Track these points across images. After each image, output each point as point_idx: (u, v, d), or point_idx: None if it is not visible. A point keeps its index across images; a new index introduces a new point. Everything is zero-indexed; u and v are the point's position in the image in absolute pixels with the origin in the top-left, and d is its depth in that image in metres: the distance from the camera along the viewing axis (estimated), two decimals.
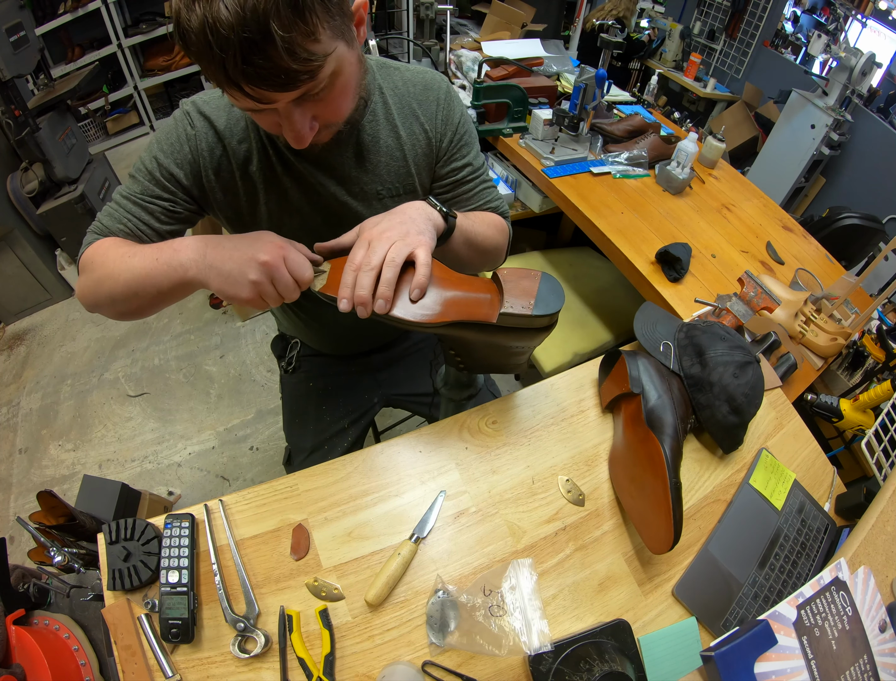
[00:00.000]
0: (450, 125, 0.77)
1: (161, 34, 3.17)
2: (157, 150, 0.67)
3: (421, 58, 2.12)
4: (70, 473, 1.80)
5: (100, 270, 0.63)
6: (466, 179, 0.81)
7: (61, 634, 0.67)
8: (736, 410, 0.75)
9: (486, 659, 0.61)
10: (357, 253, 0.56)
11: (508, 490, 0.72)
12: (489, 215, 0.81)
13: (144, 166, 0.68)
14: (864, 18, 2.94)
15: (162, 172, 0.67)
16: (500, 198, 0.85)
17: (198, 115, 0.68)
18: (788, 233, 1.52)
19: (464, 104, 0.79)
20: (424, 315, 0.56)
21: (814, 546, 0.75)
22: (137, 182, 0.68)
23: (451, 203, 0.82)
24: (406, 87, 0.76)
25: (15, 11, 2.00)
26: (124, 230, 0.67)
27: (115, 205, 0.68)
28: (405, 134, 0.75)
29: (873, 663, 0.55)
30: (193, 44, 0.46)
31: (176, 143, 0.67)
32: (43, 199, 2.22)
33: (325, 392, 1.07)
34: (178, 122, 0.68)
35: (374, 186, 0.76)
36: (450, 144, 0.78)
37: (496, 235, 0.79)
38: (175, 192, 0.69)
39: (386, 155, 0.75)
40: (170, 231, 0.70)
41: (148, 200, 0.67)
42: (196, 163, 0.68)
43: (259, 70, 0.46)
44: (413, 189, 0.79)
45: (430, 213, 0.62)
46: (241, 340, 2.26)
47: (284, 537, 0.66)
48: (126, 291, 0.61)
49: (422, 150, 0.77)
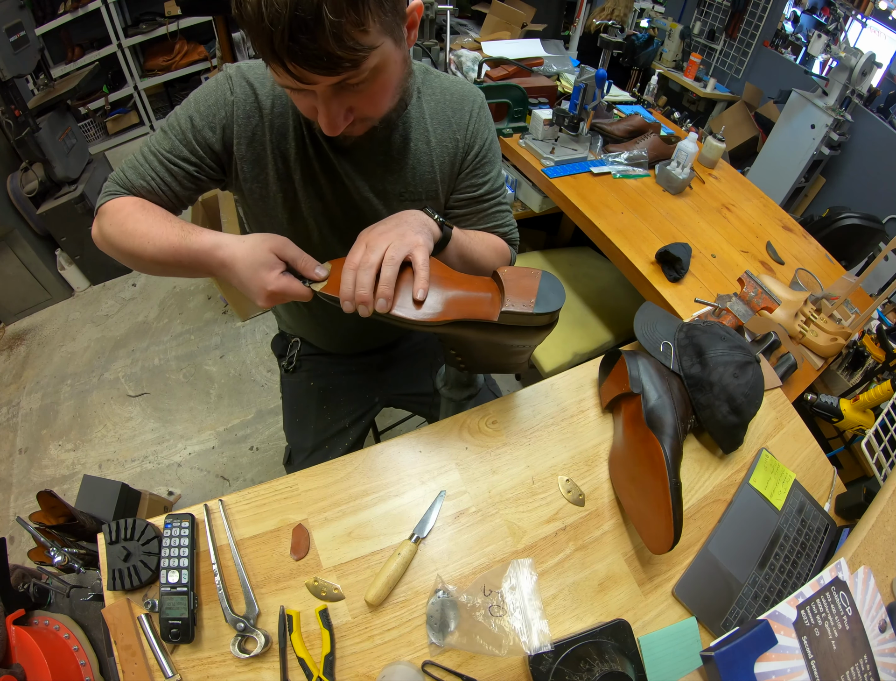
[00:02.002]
0: (479, 139, 0.77)
1: (161, 34, 3.17)
2: (194, 110, 0.67)
3: (421, 58, 2.12)
4: (70, 473, 1.80)
5: (130, 225, 0.64)
6: (484, 197, 0.80)
7: (61, 634, 0.67)
8: (736, 410, 0.75)
9: (486, 659, 0.61)
10: (355, 253, 0.56)
11: (508, 490, 0.72)
12: (491, 237, 0.81)
13: (179, 124, 0.67)
14: (864, 18, 2.94)
15: (195, 134, 0.67)
16: (513, 223, 0.85)
17: (240, 80, 0.67)
18: (788, 233, 1.52)
19: (492, 121, 0.79)
20: (426, 314, 0.56)
21: (814, 546, 0.75)
22: (168, 139, 0.67)
23: (464, 219, 0.81)
24: (444, 94, 0.76)
25: (15, 11, 1.99)
26: (146, 187, 0.67)
27: (141, 158, 0.68)
28: (435, 140, 0.75)
29: (873, 663, 0.55)
30: (248, 14, 0.46)
31: (214, 106, 0.67)
32: (43, 199, 2.22)
33: (326, 392, 1.07)
34: (220, 85, 0.68)
35: (398, 186, 0.76)
36: (475, 158, 0.78)
37: (492, 257, 0.79)
38: (203, 157, 0.68)
39: (413, 158, 0.75)
40: (188, 196, 0.71)
41: (174, 161, 0.67)
42: (230, 129, 0.68)
43: (304, 49, 0.46)
44: (435, 195, 0.78)
45: (425, 219, 0.63)
46: (241, 340, 2.26)
47: (284, 537, 0.66)
48: (155, 259, 0.63)
49: (448, 158, 0.77)
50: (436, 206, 0.79)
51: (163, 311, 2.39)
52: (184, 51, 3.32)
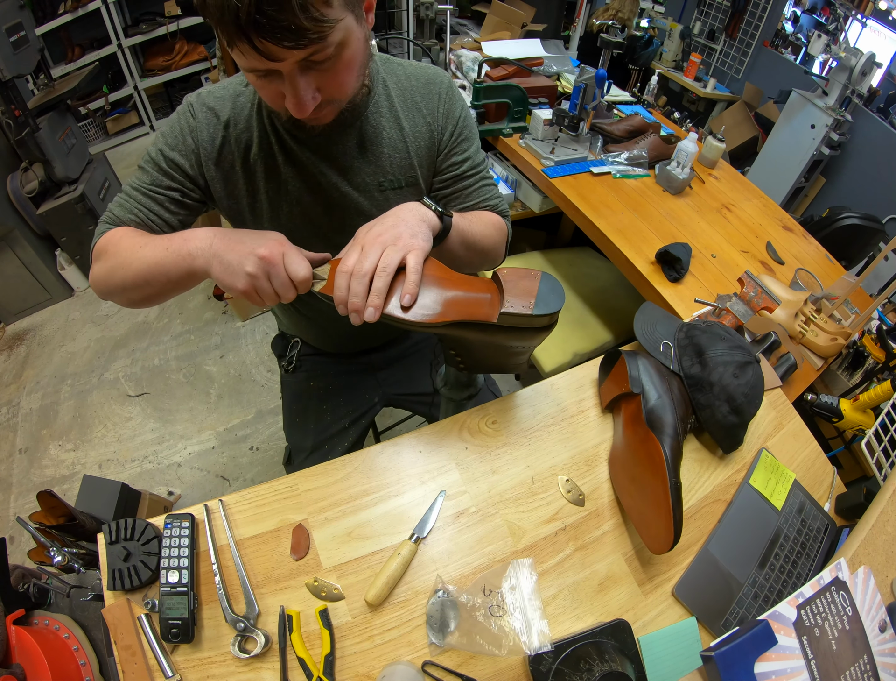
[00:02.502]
0: (451, 119, 0.78)
1: (161, 34, 3.17)
2: (163, 144, 0.70)
3: (421, 58, 2.12)
4: (70, 473, 1.80)
5: (113, 259, 0.65)
6: (467, 174, 0.81)
7: (61, 634, 0.67)
8: (736, 410, 0.75)
9: (486, 659, 0.61)
10: (349, 257, 0.56)
11: (508, 490, 0.72)
12: (487, 214, 0.81)
13: (151, 158, 0.70)
14: (864, 18, 2.94)
15: (168, 163, 0.70)
16: (499, 196, 0.85)
17: (201, 107, 0.70)
18: (788, 233, 1.52)
19: (465, 100, 0.80)
20: (425, 315, 0.56)
21: (814, 546, 0.75)
22: (146, 173, 0.70)
23: (451, 199, 0.82)
24: (409, 80, 0.77)
25: (15, 11, 1.99)
26: (136, 220, 0.69)
27: (125, 196, 0.70)
28: (408, 126, 0.75)
29: (873, 663, 0.55)
30: None
31: (179, 135, 0.70)
32: (43, 199, 2.21)
33: (326, 392, 1.07)
34: (181, 116, 0.71)
35: (377, 177, 0.76)
36: (451, 138, 0.79)
37: (494, 234, 0.79)
38: (182, 181, 0.71)
39: (388, 146, 0.75)
40: (180, 220, 0.73)
41: (156, 190, 0.70)
42: (198, 153, 0.70)
43: (270, 21, 0.47)
44: (415, 181, 0.79)
45: (423, 213, 0.62)
46: (241, 340, 2.26)
47: (284, 537, 0.66)
48: (137, 279, 0.63)
49: (424, 142, 0.77)
50: (417, 192, 0.80)
51: (163, 311, 2.39)
52: (184, 51, 3.32)
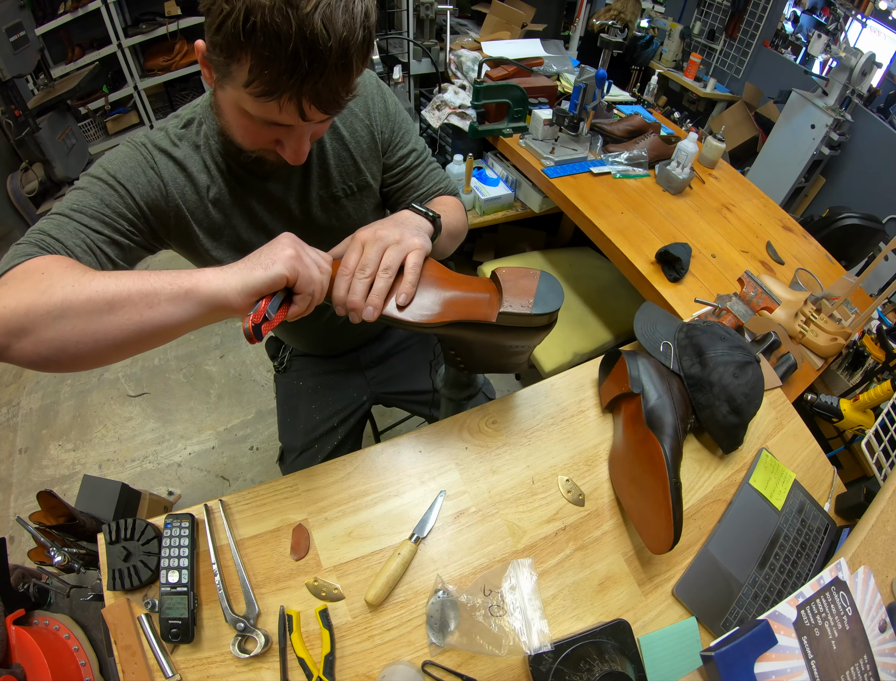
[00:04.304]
0: (388, 115, 0.79)
1: (161, 34, 3.17)
2: (114, 171, 0.59)
3: (421, 58, 2.12)
4: (70, 473, 1.80)
5: (59, 295, 0.44)
6: (414, 164, 0.83)
7: (61, 634, 0.67)
8: (736, 410, 0.75)
9: (486, 659, 0.61)
10: (350, 257, 0.56)
11: (508, 490, 0.72)
12: (448, 199, 0.84)
13: (99, 178, 0.58)
14: (864, 18, 2.94)
15: (119, 188, 0.59)
16: (447, 177, 0.87)
17: (154, 149, 0.63)
18: (788, 233, 1.52)
19: (391, 91, 0.81)
20: (424, 315, 0.56)
21: (814, 546, 0.75)
22: (92, 195, 0.57)
23: (405, 190, 0.84)
24: None
25: (15, 11, 2.00)
26: (80, 247, 0.54)
27: (63, 217, 0.55)
28: (347, 133, 0.76)
29: (873, 663, 0.55)
30: (276, 46, 0.43)
31: (137, 168, 0.61)
32: (43, 199, 2.22)
33: (315, 391, 1.07)
34: (137, 149, 0.62)
35: (329, 189, 0.77)
36: (392, 134, 0.80)
37: (461, 216, 0.83)
38: (137, 214, 0.61)
39: (334, 157, 0.75)
40: (130, 257, 0.61)
41: (108, 213, 0.57)
42: (158, 190, 0.63)
43: (330, 93, 0.48)
44: (366, 184, 0.80)
45: (418, 220, 0.63)
46: (241, 340, 2.25)
47: (284, 537, 0.66)
48: (125, 335, 0.49)
49: (367, 145, 0.78)
50: (371, 194, 0.81)
51: None
52: (184, 51, 3.31)
